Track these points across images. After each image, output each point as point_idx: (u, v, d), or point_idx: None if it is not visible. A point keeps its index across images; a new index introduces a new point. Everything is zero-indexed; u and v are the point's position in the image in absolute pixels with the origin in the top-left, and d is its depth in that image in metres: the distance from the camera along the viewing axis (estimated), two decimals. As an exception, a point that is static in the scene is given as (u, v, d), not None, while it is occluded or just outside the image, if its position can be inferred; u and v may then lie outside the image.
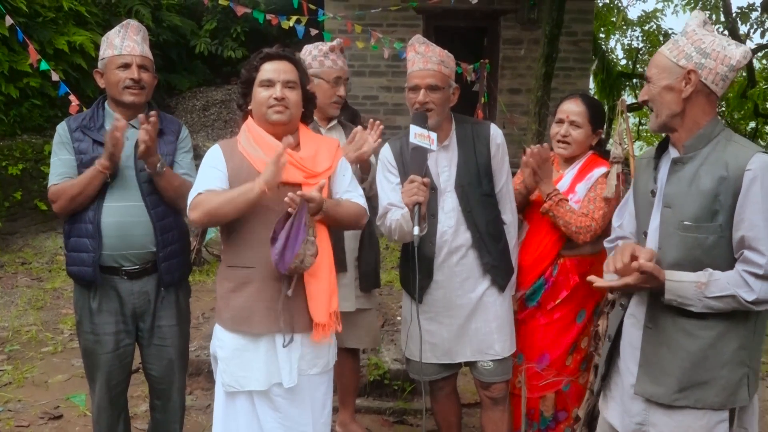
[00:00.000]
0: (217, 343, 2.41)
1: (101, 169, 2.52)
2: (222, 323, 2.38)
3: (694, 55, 1.95)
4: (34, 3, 7.62)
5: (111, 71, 2.63)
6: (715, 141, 1.99)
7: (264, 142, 2.33)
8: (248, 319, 2.30)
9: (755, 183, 1.88)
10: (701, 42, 1.96)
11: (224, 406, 2.39)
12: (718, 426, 2.00)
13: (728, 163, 1.92)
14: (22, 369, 4.37)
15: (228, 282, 2.36)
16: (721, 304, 1.91)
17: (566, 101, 2.90)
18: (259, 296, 2.29)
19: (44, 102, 7.89)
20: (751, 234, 1.88)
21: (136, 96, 2.63)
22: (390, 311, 5.12)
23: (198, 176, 2.36)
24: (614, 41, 15.67)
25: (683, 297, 1.94)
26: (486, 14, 9.19)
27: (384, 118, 8.25)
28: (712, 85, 1.96)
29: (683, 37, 2.01)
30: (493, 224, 2.69)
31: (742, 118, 14.11)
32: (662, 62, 2.02)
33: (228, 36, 10.87)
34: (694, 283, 1.92)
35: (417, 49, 2.63)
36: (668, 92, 2.00)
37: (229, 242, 2.37)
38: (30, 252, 6.99)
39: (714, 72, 1.94)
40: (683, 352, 2.00)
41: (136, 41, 2.65)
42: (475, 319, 2.68)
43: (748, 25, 11.70)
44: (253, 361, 2.31)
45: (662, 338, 2.05)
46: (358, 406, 3.69)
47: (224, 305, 2.36)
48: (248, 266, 2.30)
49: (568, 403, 2.87)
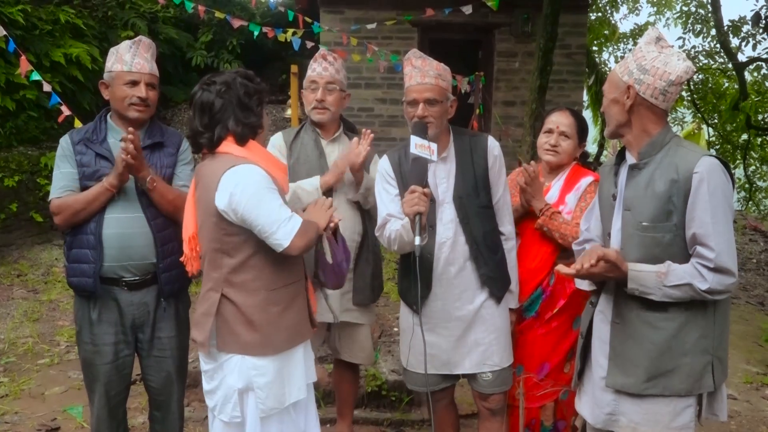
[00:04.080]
0: (254, 373, 2.28)
1: (109, 188, 2.55)
2: (271, 351, 2.29)
3: (635, 71, 2.14)
4: (31, 15, 7.65)
5: (118, 86, 2.65)
6: (667, 147, 2.16)
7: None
8: (301, 329, 2.39)
9: (702, 184, 2.05)
10: (643, 59, 2.15)
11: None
12: (685, 411, 2.17)
13: (678, 167, 2.10)
14: (19, 381, 4.36)
15: (275, 306, 2.30)
16: (679, 292, 2.07)
17: (555, 113, 2.98)
18: (305, 304, 2.43)
19: (40, 114, 7.89)
20: (701, 231, 2.05)
21: (141, 113, 2.66)
22: (387, 322, 5.13)
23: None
24: (607, 54, 15.79)
25: (644, 286, 2.09)
26: (480, 27, 9.26)
27: (379, 129, 8.32)
28: (651, 98, 2.13)
29: (631, 55, 2.21)
30: (490, 236, 2.71)
31: (735, 130, 14.20)
32: (612, 78, 2.24)
33: (224, 48, 10.91)
34: (655, 272, 2.08)
35: (414, 63, 2.66)
36: (614, 104, 2.21)
37: (266, 267, 2.30)
38: (26, 264, 6.97)
39: (652, 87, 2.12)
40: (648, 343, 2.16)
41: (146, 59, 2.67)
42: (473, 330, 2.70)
43: (739, 39, 11.79)
44: (294, 371, 2.37)
45: (629, 331, 2.21)
46: (356, 417, 3.70)
47: (274, 331, 2.29)
48: (295, 281, 2.39)
49: (567, 412, 2.89)
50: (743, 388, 4.62)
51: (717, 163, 2.09)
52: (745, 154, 14.19)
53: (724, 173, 2.10)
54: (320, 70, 3.05)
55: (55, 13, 8.13)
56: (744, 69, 12.57)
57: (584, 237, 2.48)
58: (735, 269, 2.06)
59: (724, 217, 2.06)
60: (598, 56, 14.86)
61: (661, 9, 15.20)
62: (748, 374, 4.84)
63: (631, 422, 2.22)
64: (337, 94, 3.07)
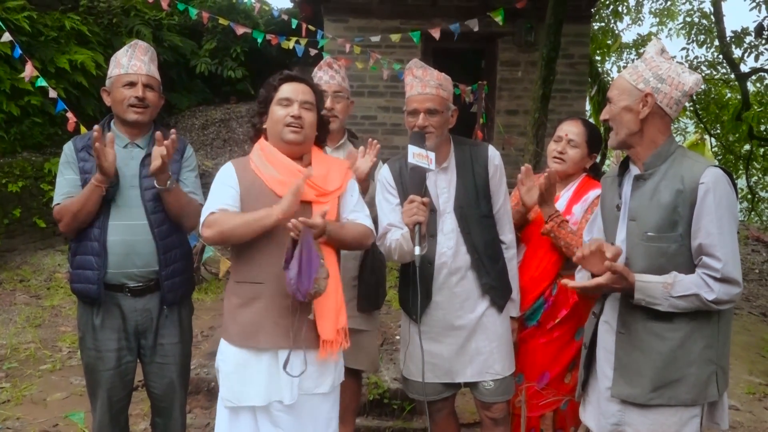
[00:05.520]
0: (220, 357, 2.42)
1: (96, 183, 2.54)
2: (228, 338, 2.39)
3: (651, 79, 2.13)
4: (36, 22, 7.69)
5: (117, 89, 2.67)
6: (672, 158, 2.16)
7: (277, 160, 2.39)
8: (255, 334, 2.32)
9: (708, 195, 2.05)
10: (658, 68, 2.13)
11: (228, 423, 2.40)
12: (691, 421, 2.15)
13: (684, 177, 2.09)
14: (21, 387, 4.36)
15: (236, 297, 2.38)
16: (685, 303, 2.07)
17: (566, 122, 2.98)
18: (267, 312, 2.32)
19: (45, 120, 7.92)
20: (708, 241, 2.05)
21: (139, 114, 2.66)
22: (389, 330, 5.13)
23: (211, 193, 2.39)
24: (610, 63, 15.79)
25: (651, 296, 2.08)
26: (484, 36, 9.27)
27: (382, 138, 8.33)
28: (666, 108, 2.13)
29: (642, 63, 2.18)
30: (491, 245, 2.71)
31: (737, 140, 14.21)
32: (623, 85, 2.19)
33: (228, 56, 10.95)
34: (661, 283, 2.08)
35: (415, 73, 2.67)
36: (627, 113, 2.17)
37: (238, 258, 2.40)
38: (28, 269, 6.99)
39: (669, 96, 2.12)
40: (654, 353, 2.15)
41: (143, 61, 2.69)
42: (475, 339, 2.70)
43: (741, 49, 11.81)
44: (254, 376, 2.32)
45: (634, 342, 2.20)
46: (358, 425, 3.69)
47: (231, 320, 2.38)
48: (257, 282, 2.33)
49: (567, 421, 2.89)
50: (746, 398, 4.61)
51: (722, 173, 2.10)
52: (748, 165, 14.20)
53: (729, 184, 2.10)
54: (327, 79, 3.06)
55: (61, 19, 8.18)
56: (746, 79, 12.56)
57: None
58: (740, 279, 2.07)
59: (730, 227, 2.06)
60: (600, 66, 14.88)
61: (664, 20, 15.23)
62: (751, 385, 4.82)
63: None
64: (345, 102, 3.09)
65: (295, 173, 2.35)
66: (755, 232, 10.46)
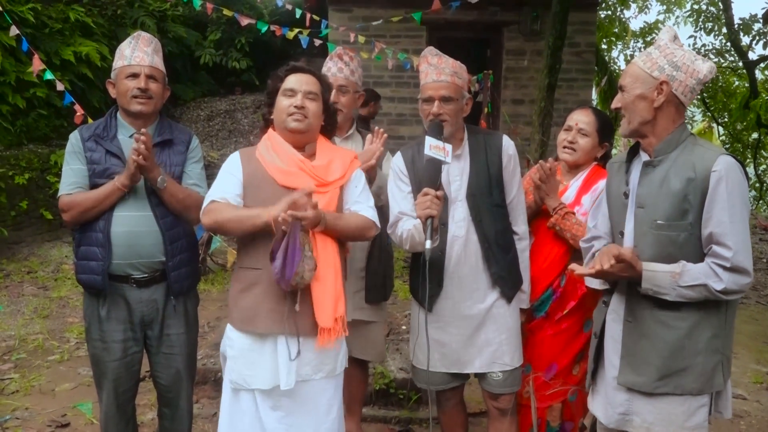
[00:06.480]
0: (227, 342, 2.47)
1: (120, 188, 2.55)
2: (232, 323, 2.45)
3: (667, 67, 2.09)
4: (41, 14, 7.69)
5: (120, 81, 2.66)
6: (683, 145, 2.13)
7: (280, 149, 2.42)
8: (253, 319, 2.36)
9: (721, 183, 2.02)
10: (673, 55, 2.10)
11: (230, 406, 2.45)
12: (699, 411, 2.15)
13: (695, 165, 2.07)
14: (29, 377, 4.39)
15: (238, 283, 2.43)
16: (693, 293, 2.05)
17: (577, 111, 2.95)
18: (264, 297, 2.35)
19: (50, 112, 7.94)
20: (719, 230, 2.03)
21: (143, 105, 2.66)
22: (395, 320, 5.13)
23: (216, 181, 2.44)
24: (617, 52, 15.71)
25: (659, 286, 2.07)
26: (489, 26, 9.24)
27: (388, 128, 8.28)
28: (681, 96, 2.11)
29: (656, 50, 2.14)
30: (502, 235, 2.69)
31: (745, 129, 14.12)
32: (636, 72, 2.15)
33: (232, 47, 10.94)
34: (669, 273, 2.06)
35: (430, 60, 2.65)
36: (641, 101, 2.13)
37: (241, 245, 2.46)
38: (36, 261, 7.02)
39: (684, 84, 2.09)
40: (661, 342, 2.14)
41: (146, 52, 2.68)
42: (484, 329, 2.68)
43: (750, 37, 11.72)
44: (258, 360, 2.36)
45: (641, 330, 2.19)
46: (364, 415, 3.70)
47: (234, 305, 2.43)
48: (256, 268, 2.37)
49: (575, 413, 2.88)
50: (753, 388, 4.59)
51: (735, 162, 2.07)
52: (756, 153, 14.11)
53: (742, 172, 2.08)
54: (335, 71, 3.05)
55: (65, 11, 8.18)
56: (755, 67, 12.48)
57: (591, 234, 2.45)
58: (751, 269, 2.05)
59: (741, 216, 2.04)
60: (607, 54, 14.80)
61: (671, 7, 15.12)
62: (758, 374, 4.81)
63: (644, 422, 2.20)
64: (350, 95, 3.07)
65: (296, 162, 2.39)
66: (763, 221, 10.41)
